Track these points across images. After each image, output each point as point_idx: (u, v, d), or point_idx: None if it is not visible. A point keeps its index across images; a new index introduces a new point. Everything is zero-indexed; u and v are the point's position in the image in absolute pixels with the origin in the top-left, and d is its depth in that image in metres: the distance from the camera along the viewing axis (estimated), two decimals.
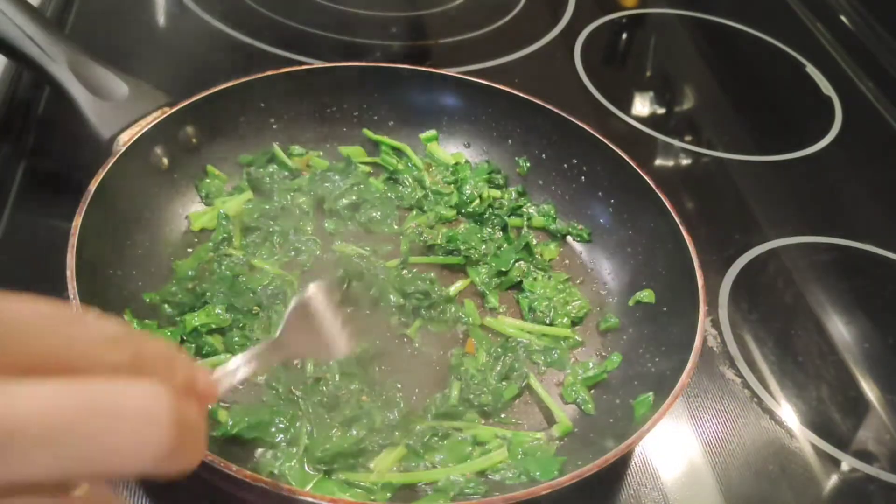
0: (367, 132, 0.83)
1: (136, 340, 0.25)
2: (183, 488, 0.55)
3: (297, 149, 0.81)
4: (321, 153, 0.82)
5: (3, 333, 0.23)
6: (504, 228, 0.78)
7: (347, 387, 0.61)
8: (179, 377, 0.25)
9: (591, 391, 0.66)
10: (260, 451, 0.57)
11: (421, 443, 0.59)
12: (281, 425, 0.58)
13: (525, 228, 0.79)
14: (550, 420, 0.64)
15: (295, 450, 0.56)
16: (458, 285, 0.72)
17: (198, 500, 0.55)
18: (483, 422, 0.63)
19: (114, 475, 0.22)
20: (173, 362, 0.25)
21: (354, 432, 0.58)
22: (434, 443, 0.60)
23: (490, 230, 0.78)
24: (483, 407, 0.63)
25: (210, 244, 0.71)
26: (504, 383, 0.65)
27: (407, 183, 0.80)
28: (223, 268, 0.68)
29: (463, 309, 0.71)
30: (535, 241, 0.77)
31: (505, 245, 0.76)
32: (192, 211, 0.73)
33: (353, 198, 0.77)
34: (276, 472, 0.55)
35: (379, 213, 0.77)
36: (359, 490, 0.56)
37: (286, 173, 0.78)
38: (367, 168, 0.82)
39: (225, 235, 0.71)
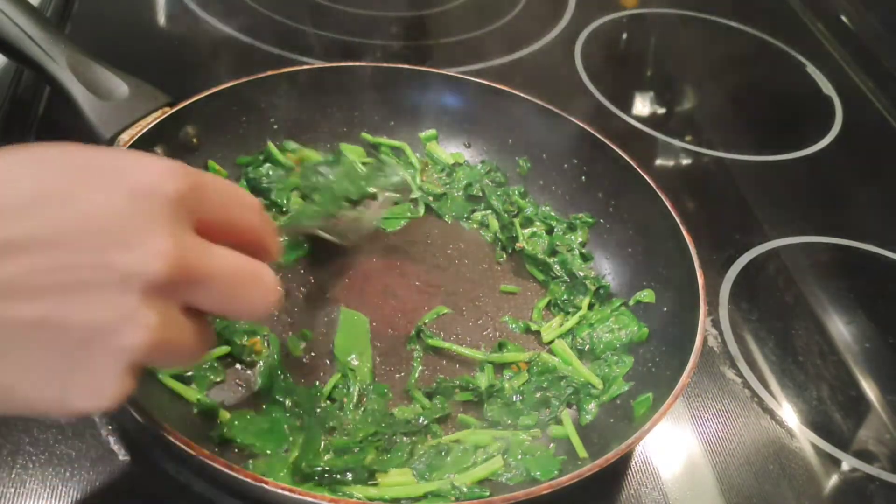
0: (366, 136, 0.83)
1: (270, 226, 0.42)
2: (183, 490, 0.55)
3: (292, 144, 0.79)
4: (318, 151, 0.81)
5: (208, 201, 0.37)
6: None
7: (358, 422, 0.60)
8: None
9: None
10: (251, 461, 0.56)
11: (426, 465, 0.58)
12: (277, 438, 0.57)
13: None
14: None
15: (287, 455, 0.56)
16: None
17: (197, 501, 0.55)
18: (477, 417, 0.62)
19: (246, 315, 0.39)
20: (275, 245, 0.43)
21: (345, 458, 0.57)
22: (437, 462, 0.58)
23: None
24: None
25: None
26: (535, 413, 0.64)
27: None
28: None
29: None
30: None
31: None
32: None
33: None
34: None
35: None
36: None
37: (282, 172, 0.78)
38: None
39: None
